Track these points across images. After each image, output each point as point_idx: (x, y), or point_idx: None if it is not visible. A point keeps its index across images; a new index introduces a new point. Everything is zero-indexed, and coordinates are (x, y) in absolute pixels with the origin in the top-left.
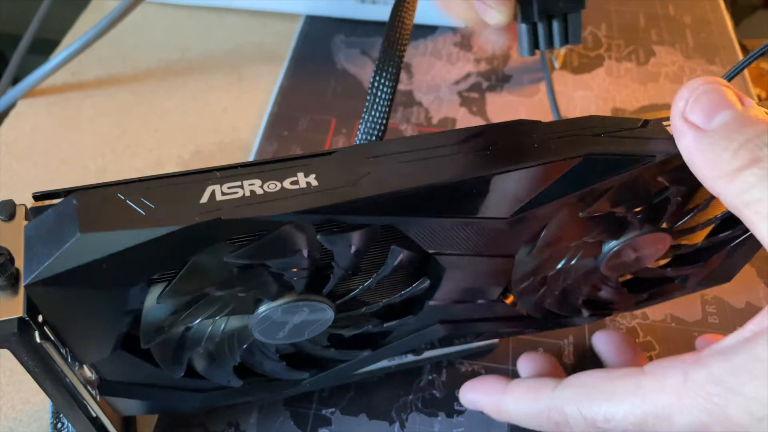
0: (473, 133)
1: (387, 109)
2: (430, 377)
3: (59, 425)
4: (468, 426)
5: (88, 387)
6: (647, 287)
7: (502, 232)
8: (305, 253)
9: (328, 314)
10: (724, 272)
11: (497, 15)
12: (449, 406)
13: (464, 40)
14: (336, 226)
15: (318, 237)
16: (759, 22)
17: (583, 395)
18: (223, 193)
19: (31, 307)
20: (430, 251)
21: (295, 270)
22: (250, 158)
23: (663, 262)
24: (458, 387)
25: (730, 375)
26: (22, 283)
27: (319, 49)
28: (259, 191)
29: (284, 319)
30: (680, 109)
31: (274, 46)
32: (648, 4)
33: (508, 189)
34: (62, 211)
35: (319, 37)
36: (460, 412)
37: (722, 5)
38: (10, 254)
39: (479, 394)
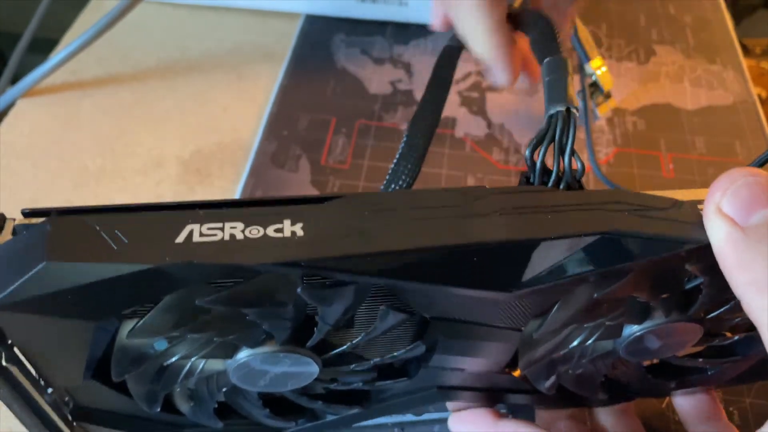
0: (483, 193)
1: (420, 159)
2: None
3: None
4: None
5: (60, 412)
6: (675, 375)
7: (507, 305)
8: (286, 305)
9: (312, 368)
10: None
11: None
12: None
13: None
14: (322, 279)
15: (299, 291)
16: (759, 22)
17: None
18: (201, 234)
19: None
20: (427, 315)
21: (275, 321)
22: (250, 156)
23: (694, 350)
24: None
25: None
26: None
27: (319, 49)
28: (240, 236)
29: (264, 368)
30: (716, 200)
31: (274, 45)
32: (648, 3)
33: (512, 261)
34: (33, 236)
35: (319, 36)
36: None
37: (723, 5)
38: None
39: (468, 429)
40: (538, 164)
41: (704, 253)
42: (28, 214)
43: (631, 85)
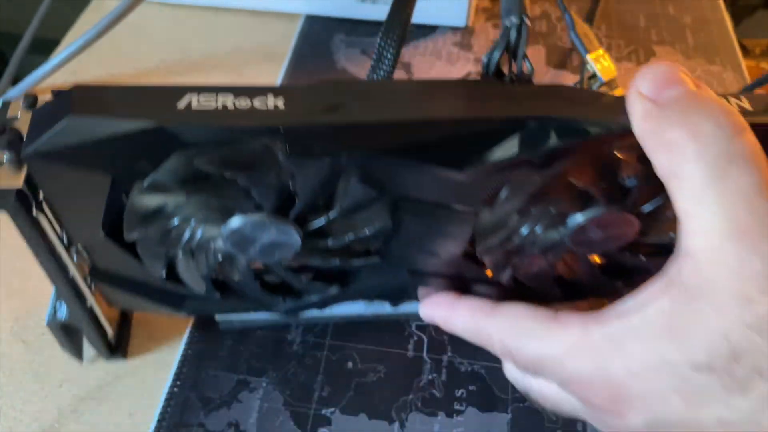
0: (444, 84)
1: (391, 68)
2: (430, 377)
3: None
4: (468, 426)
5: (81, 270)
6: (622, 274)
7: (462, 185)
8: (271, 172)
9: (294, 239)
10: None
11: None
12: (449, 405)
13: (464, 39)
14: (302, 151)
15: (280, 158)
16: (759, 22)
17: (506, 327)
18: (198, 103)
19: (33, 183)
20: (392, 193)
21: (262, 188)
22: None
23: (643, 252)
24: (458, 387)
25: (620, 334)
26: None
27: (319, 49)
28: (230, 105)
29: (254, 235)
30: (636, 85)
31: (274, 45)
32: (648, 3)
33: (463, 141)
34: (62, 100)
35: (319, 36)
36: (460, 412)
37: (722, 5)
38: (20, 134)
39: (432, 311)
40: (493, 66)
41: (631, 138)
42: (57, 93)
43: None
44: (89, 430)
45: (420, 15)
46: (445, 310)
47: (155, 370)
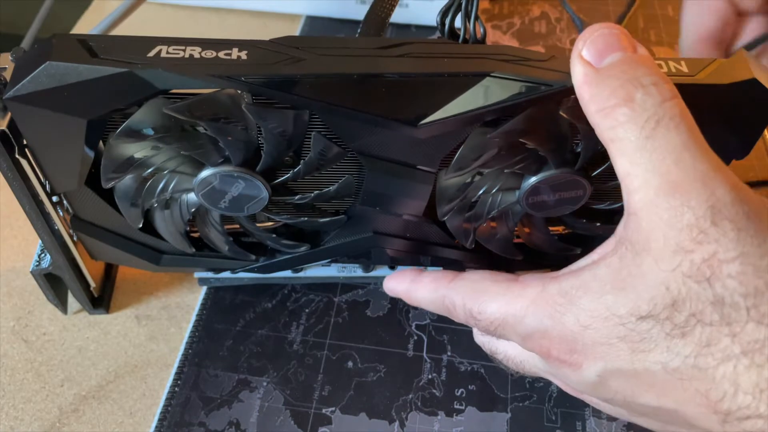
0: (399, 42)
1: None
2: (429, 376)
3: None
4: (468, 425)
5: (63, 220)
6: (580, 242)
7: (418, 142)
8: (236, 123)
9: (262, 193)
10: None
11: None
12: (449, 405)
13: None
14: (266, 102)
15: (243, 107)
16: None
17: (468, 290)
18: (167, 53)
19: (16, 128)
20: (354, 148)
21: (229, 138)
22: None
23: (600, 225)
24: (458, 386)
25: (573, 289)
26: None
27: None
28: (197, 56)
29: (223, 188)
30: (579, 48)
31: None
32: (647, 4)
33: (415, 96)
34: (42, 47)
35: None
36: (460, 411)
37: None
38: (6, 81)
39: (396, 284)
40: (447, 26)
41: (574, 99)
42: (38, 42)
43: None
44: (90, 430)
45: (420, 16)
46: (408, 284)
47: (156, 369)
